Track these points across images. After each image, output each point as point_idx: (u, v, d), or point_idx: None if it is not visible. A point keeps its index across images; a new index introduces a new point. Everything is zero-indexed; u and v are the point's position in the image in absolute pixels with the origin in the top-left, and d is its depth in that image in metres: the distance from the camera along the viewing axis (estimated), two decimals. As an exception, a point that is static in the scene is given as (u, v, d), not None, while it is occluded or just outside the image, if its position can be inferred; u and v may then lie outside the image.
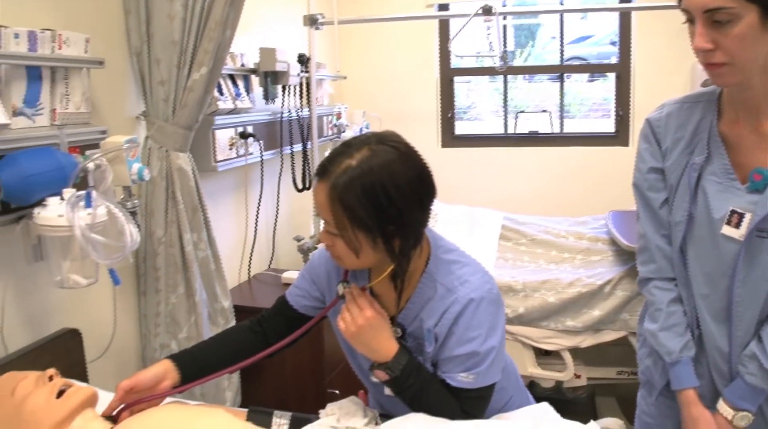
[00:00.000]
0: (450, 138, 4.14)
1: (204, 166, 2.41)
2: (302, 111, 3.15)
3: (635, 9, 3.58)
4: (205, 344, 1.52)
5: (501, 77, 4.16)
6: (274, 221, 3.12)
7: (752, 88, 1.26)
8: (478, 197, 3.83)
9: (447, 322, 1.29)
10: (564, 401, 2.76)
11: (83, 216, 1.55)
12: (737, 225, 1.29)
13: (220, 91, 2.50)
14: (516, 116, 4.37)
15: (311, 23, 3.10)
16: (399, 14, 3.58)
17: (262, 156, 2.80)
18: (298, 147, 3.15)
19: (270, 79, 2.85)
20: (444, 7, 4.01)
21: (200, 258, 2.20)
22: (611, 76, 4.00)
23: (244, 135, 2.66)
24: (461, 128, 4.31)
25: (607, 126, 4.16)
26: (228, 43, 2.10)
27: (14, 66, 1.60)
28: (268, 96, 2.86)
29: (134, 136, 1.82)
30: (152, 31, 2.01)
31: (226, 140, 2.55)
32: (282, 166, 3.10)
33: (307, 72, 3.12)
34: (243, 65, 2.75)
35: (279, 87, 2.93)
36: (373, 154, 1.21)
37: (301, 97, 3.16)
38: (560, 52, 4.16)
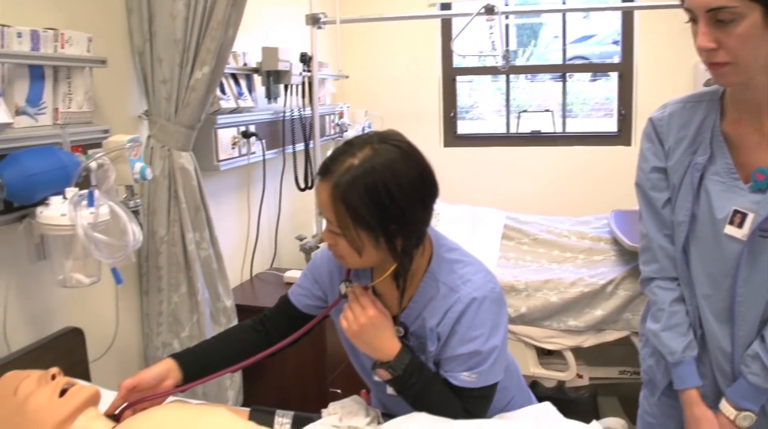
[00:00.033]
0: (452, 137, 4.14)
1: (206, 166, 2.41)
2: (304, 110, 3.15)
3: (638, 8, 3.58)
4: (208, 343, 1.52)
5: (503, 77, 4.17)
6: (277, 220, 3.12)
7: (755, 88, 1.26)
8: (481, 197, 3.83)
9: (449, 321, 1.29)
10: (566, 401, 2.75)
11: (86, 215, 1.55)
12: (740, 225, 1.29)
13: (223, 91, 2.50)
14: (518, 116, 4.38)
15: (314, 22, 3.10)
16: (401, 13, 3.58)
17: (265, 155, 2.80)
18: (301, 146, 3.15)
19: (272, 79, 2.85)
20: (446, 6, 4.01)
21: (202, 257, 2.20)
22: (614, 76, 4.00)
23: (247, 134, 2.66)
24: (463, 128, 4.31)
25: (610, 125, 4.16)
26: (230, 42, 2.10)
27: (17, 65, 1.60)
28: (271, 95, 2.86)
29: (137, 136, 1.82)
30: (155, 30, 2.02)
31: (229, 139, 2.55)
32: (284, 166, 3.10)
33: (310, 71, 3.12)
34: (245, 64, 2.75)
35: (281, 86, 2.93)
36: (376, 153, 1.21)
37: (304, 97, 3.16)
38: (563, 52, 4.16)
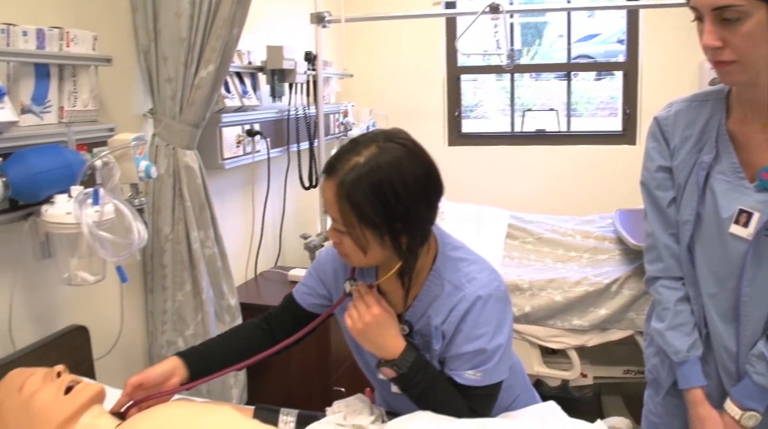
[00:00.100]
0: (457, 136, 4.14)
1: (211, 164, 2.41)
2: (309, 109, 3.15)
3: (643, 7, 3.57)
4: (213, 342, 1.52)
5: (508, 75, 4.16)
6: (281, 219, 3.12)
7: (760, 87, 1.26)
8: (485, 196, 3.82)
9: (454, 320, 1.29)
10: (570, 400, 2.76)
11: (91, 213, 1.55)
12: (745, 224, 1.29)
13: (227, 89, 2.51)
14: (523, 114, 4.37)
15: (318, 21, 3.10)
16: (406, 12, 3.57)
17: (269, 154, 2.80)
18: (305, 145, 3.15)
19: (277, 77, 2.85)
20: (451, 5, 4.01)
21: (207, 255, 2.20)
22: (618, 75, 3.99)
23: (251, 133, 2.66)
24: (468, 126, 4.30)
25: (614, 124, 4.15)
26: (235, 41, 2.10)
27: (23, 64, 1.61)
28: (275, 94, 2.86)
29: (141, 134, 1.82)
30: (159, 29, 2.02)
31: (233, 138, 2.55)
32: (289, 164, 3.10)
33: (314, 70, 3.12)
34: (250, 63, 2.76)
35: (286, 85, 2.93)
36: (381, 152, 1.21)
37: (308, 95, 3.16)
38: (567, 51, 4.15)
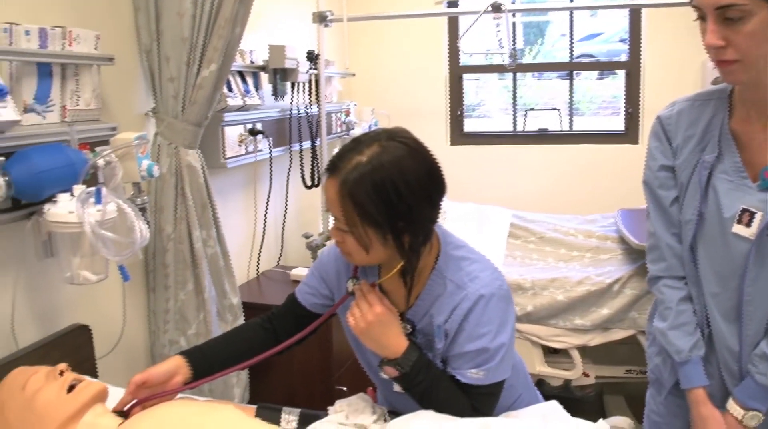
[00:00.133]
0: (459, 135, 4.14)
1: (213, 163, 2.41)
2: (311, 108, 3.15)
3: (645, 6, 3.57)
4: (216, 341, 1.52)
5: (510, 75, 4.16)
6: (283, 218, 3.12)
7: (763, 86, 1.25)
8: (487, 195, 3.82)
9: (457, 318, 1.29)
10: (572, 399, 2.75)
11: (93, 212, 1.55)
12: (748, 223, 1.29)
13: (230, 88, 2.50)
14: (525, 114, 4.36)
15: (320, 20, 3.10)
16: (408, 11, 3.57)
17: (271, 153, 2.80)
18: (307, 144, 3.15)
19: (279, 76, 2.85)
20: (453, 4, 4.00)
21: (209, 255, 2.20)
22: (621, 74, 3.98)
23: (253, 132, 2.66)
24: (470, 126, 4.30)
25: (617, 124, 4.14)
26: (237, 40, 2.10)
27: (25, 63, 1.61)
28: (277, 93, 2.86)
29: (144, 133, 1.82)
30: (162, 29, 2.02)
31: (236, 137, 2.55)
32: (291, 163, 3.10)
33: (316, 69, 3.12)
34: (252, 62, 2.76)
35: (288, 84, 2.93)
36: (384, 151, 1.21)
37: (310, 94, 3.16)
38: (570, 50, 4.15)
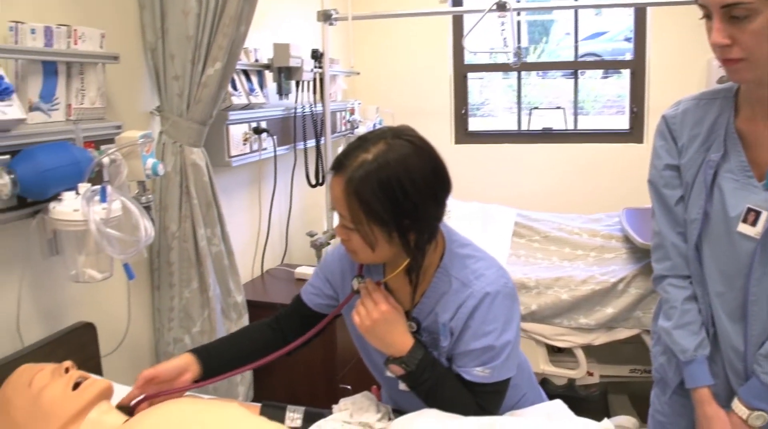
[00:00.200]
0: (463, 134, 4.13)
1: (218, 161, 2.41)
2: (316, 106, 3.15)
3: (651, 5, 3.55)
4: (225, 340, 1.54)
5: (515, 73, 4.15)
6: (287, 216, 3.12)
7: (769, 85, 1.25)
8: (492, 194, 3.81)
9: (462, 316, 1.29)
10: (576, 399, 2.75)
11: (98, 210, 1.55)
12: (753, 223, 1.28)
13: (234, 87, 2.51)
14: (529, 113, 4.36)
15: (325, 19, 3.10)
16: (413, 10, 3.56)
17: (276, 151, 2.80)
18: (312, 142, 3.16)
19: (284, 75, 2.85)
20: (458, 3, 4.00)
21: (214, 253, 2.21)
22: (626, 73, 3.97)
23: (258, 130, 2.66)
24: (474, 125, 4.30)
25: (622, 123, 4.13)
26: (242, 39, 2.10)
27: (30, 61, 1.61)
28: (282, 91, 2.86)
29: (149, 131, 1.83)
30: (167, 27, 2.02)
31: (240, 135, 2.56)
32: (295, 162, 3.10)
33: (321, 68, 3.12)
34: (257, 61, 2.76)
35: (293, 82, 2.93)
36: (389, 149, 1.21)
37: (315, 93, 3.16)
38: (574, 49, 4.14)
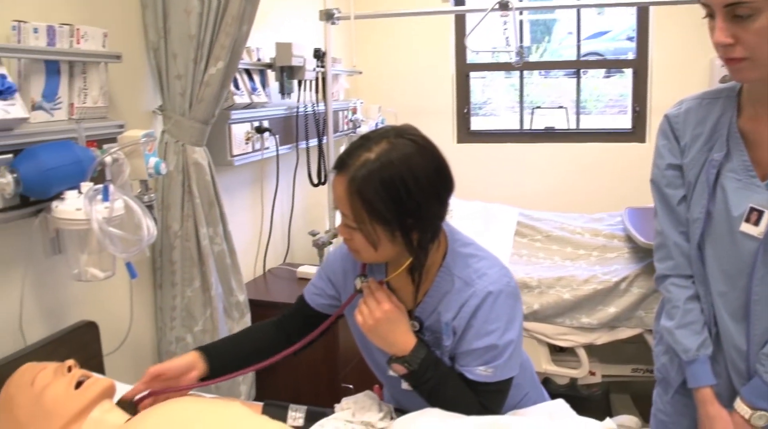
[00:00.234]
0: (465, 133, 4.13)
1: (220, 161, 2.42)
2: (318, 106, 3.15)
3: (653, 4, 3.55)
4: (231, 339, 1.55)
5: (517, 73, 4.14)
6: (290, 216, 3.12)
7: (772, 84, 1.25)
8: (494, 193, 3.81)
9: (465, 316, 1.29)
10: (578, 398, 2.75)
11: (101, 209, 1.56)
12: (756, 222, 1.28)
13: (237, 86, 2.51)
14: (532, 112, 4.34)
15: (327, 18, 3.10)
16: (415, 9, 3.57)
17: (278, 150, 2.80)
18: (314, 142, 3.16)
19: (286, 74, 2.85)
20: (460, 2, 4.00)
21: (216, 252, 2.21)
22: (628, 72, 3.96)
23: (260, 129, 2.66)
24: (477, 124, 4.29)
25: (624, 122, 4.12)
26: (244, 38, 2.11)
27: (33, 60, 1.61)
28: (284, 91, 2.87)
29: (151, 131, 1.83)
30: (169, 26, 2.02)
31: (242, 135, 2.56)
32: (297, 161, 3.10)
33: (323, 67, 3.12)
34: (259, 60, 2.76)
35: (295, 82, 2.93)
36: (392, 148, 1.21)
37: (317, 92, 3.16)
38: (577, 48, 4.13)
